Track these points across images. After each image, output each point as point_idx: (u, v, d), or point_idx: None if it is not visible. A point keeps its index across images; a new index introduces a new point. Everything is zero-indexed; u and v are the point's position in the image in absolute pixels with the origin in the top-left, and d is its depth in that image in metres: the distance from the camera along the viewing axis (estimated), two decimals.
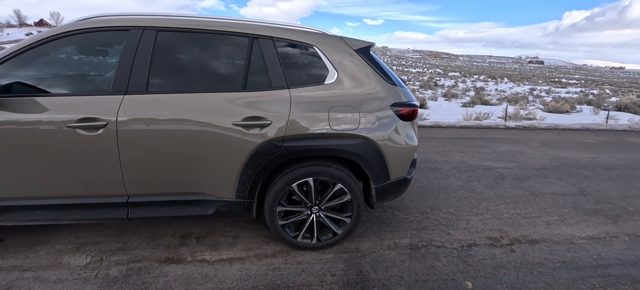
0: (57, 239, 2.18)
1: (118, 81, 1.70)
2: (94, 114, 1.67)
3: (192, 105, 1.72)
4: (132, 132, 1.69)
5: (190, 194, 1.88)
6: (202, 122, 1.72)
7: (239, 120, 1.73)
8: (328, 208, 2.02)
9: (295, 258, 2.04)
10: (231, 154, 1.77)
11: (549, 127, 7.00)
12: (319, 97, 1.82)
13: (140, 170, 1.77)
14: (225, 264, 1.97)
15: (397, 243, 2.25)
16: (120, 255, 2.02)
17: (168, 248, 2.10)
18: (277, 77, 1.81)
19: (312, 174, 1.87)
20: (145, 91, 1.72)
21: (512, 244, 2.31)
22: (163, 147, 1.73)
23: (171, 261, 1.98)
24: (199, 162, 1.78)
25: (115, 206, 1.85)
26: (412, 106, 1.97)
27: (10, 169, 1.70)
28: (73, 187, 1.79)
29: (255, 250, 2.11)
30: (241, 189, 1.85)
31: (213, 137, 1.73)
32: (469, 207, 2.87)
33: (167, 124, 1.71)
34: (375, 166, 1.91)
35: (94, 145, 1.70)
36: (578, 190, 3.37)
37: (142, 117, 1.69)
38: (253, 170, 1.80)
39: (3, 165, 1.69)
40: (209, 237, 2.24)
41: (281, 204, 1.93)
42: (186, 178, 1.82)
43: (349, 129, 1.82)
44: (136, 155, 1.74)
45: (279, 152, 1.78)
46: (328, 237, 2.08)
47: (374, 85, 1.89)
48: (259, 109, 1.75)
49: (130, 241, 2.17)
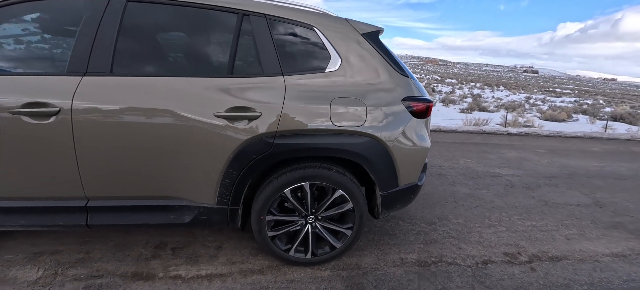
0: (9, 246, 1.86)
1: (76, 59, 1.41)
2: (43, 98, 1.37)
3: (166, 91, 1.44)
4: (91, 122, 1.40)
5: (162, 198, 1.58)
6: (178, 112, 1.43)
7: (222, 111, 1.45)
8: (326, 218, 1.73)
9: (286, 275, 1.75)
10: (212, 151, 1.48)
11: (552, 134, 6.82)
12: (318, 87, 1.54)
13: (101, 169, 1.47)
14: (203, 281, 1.67)
15: (403, 259, 1.98)
16: (79, 269, 1.71)
17: (137, 261, 1.80)
18: (270, 62, 1.53)
19: (308, 178, 1.59)
20: (109, 72, 1.43)
21: (531, 261, 2.05)
22: (129, 141, 1.44)
23: (139, 277, 1.67)
24: (174, 161, 1.49)
25: (71, 211, 1.54)
26: (425, 102, 1.71)
27: None
28: (19, 188, 1.48)
29: (240, 265, 1.81)
30: (224, 194, 1.56)
31: (190, 130, 1.44)
32: (480, 217, 2.61)
33: (135, 113, 1.42)
34: (383, 170, 1.64)
35: (44, 136, 1.39)
36: (593, 201, 3.14)
37: (104, 104, 1.40)
38: (238, 172, 1.51)
39: None
40: (187, 247, 1.94)
41: (271, 213, 1.64)
42: (158, 179, 1.52)
43: (353, 125, 1.55)
44: (96, 150, 1.44)
45: (269, 151, 1.50)
46: (325, 251, 1.79)
47: (384, 75, 1.62)
48: (247, 99, 1.47)
49: (94, 251, 1.86)
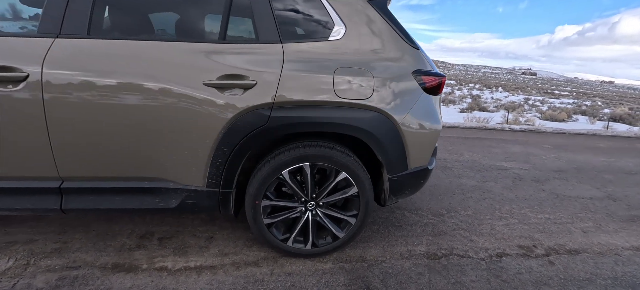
0: None
1: (48, 18, 1.25)
2: (10, 61, 1.21)
3: (151, 56, 1.28)
4: (64, 90, 1.23)
5: (146, 179, 1.42)
6: (162, 81, 1.27)
7: (213, 79, 1.29)
8: (328, 204, 1.58)
9: (284, 268, 1.59)
10: (201, 124, 1.32)
11: (555, 131, 6.70)
12: (321, 56, 1.39)
13: (76, 145, 1.31)
14: (192, 273, 1.51)
15: (411, 251, 1.82)
16: (54, 259, 1.54)
17: (120, 251, 1.63)
18: (267, 27, 1.38)
19: (308, 158, 1.43)
20: (85, 34, 1.27)
21: (548, 254, 1.90)
22: (107, 113, 1.28)
23: (120, 268, 1.50)
24: (158, 136, 1.33)
25: (43, 193, 1.38)
26: (438, 77, 1.56)
27: None
28: None
29: (233, 257, 1.65)
30: (214, 175, 1.40)
31: (176, 101, 1.28)
32: (490, 209, 2.46)
33: (114, 80, 1.26)
34: (391, 150, 1.48)
35: (10, 105, 1.23)
36: (606, 195, 3.00)
37: (79, 70, 1.23)
38: (230, 149, 1.36)
39: None
40: (175, 237, 1.77)
41: (267, 197, 1.48)
42: (140, 158, 1.36)
43: (359, 98, 1.39)
44: (70, 123, 1.27)
45: (265, 125, 1.34)
46: (326, 242, 1.63)
47: (392, 46, 1.47)
48: (241, 66, 1.31)
49: (73, 241, 1.69)
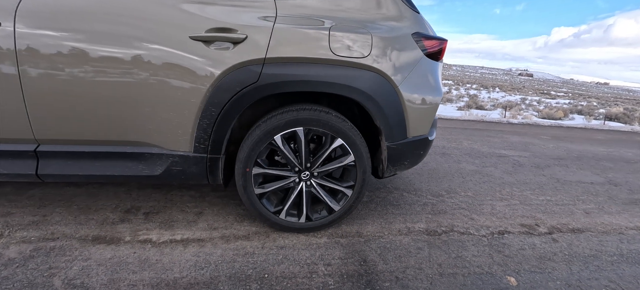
0: None
1: None
2: None
3: (132, 6, 1.19)
4: (38, 44, 1.14)
5: (129, 143, 1.33)
6: (145, 34, 1.18)
7: (200, 33, 1.20)
8: (323, 174, 1.49)
9: (276, 242, 1.51)
10: (187, 82, 1.23)
11: (553, 125, 6.69)
12: (316, 10, 1.31)
13: (52, 104, 1.22)
14: (177, 246, 1.42)
15: (410, 228, 1.74)
16: (30, 231, 1.45)
17: (102, 224, 1.54)
18: None
19: (302, 122, 1.35)
20: None
21: (551, 233, 1.83)
22: (86, 69, 1.18)
23: (101, 241, 1.41)
24: (140, 96, 1.24)
25: (18, 156, 1.28)
26: (439, 40, 1.48)
27: None
28: None
29: (223, 231, 1.56)
30: (202, 138, 1.31)
31: (160, 56, 1.19)
32: (490, 191, 2.39)
33: (93, 34, 1.17)
34: (390, 115, 1.40)
35: None
36: (606, 180, 2.95)
37: (55, 21, 1.14)
38: (219, 109, 1.27)
39: None
40: (163, 212, 1.68)
41: (259, 164, 1.40)
42: (122, 119, 1.27)
43: (356, 56, 1.31)
44: (46, 80, 1.18)
45: (256, 82, 1.25)
46: (321, 216, 1.55)
47: (392, 5, 1.39)
48: (230, 19, 1.23)
49: (53, 214, 1.59)
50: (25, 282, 1.14)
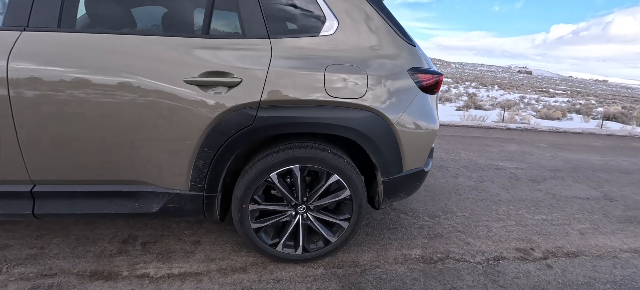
0: None
1: (14, 9, 1.15)
2: None
3: (127, 51, 1.19)
4: (32, 87, 1.14)
5: (125, 182, 1.33)
6: (140, 78, 1.18)
7: (195, 77, 1.20)
8: (319, 207, 1.50)
9: (273, 274, 1.52)
10: (182, 125, 1.23)
11: (551, 130, 6.70)
12: (311, 52, 1.31)
13: (47, 146, 1.22)
14: (175, 281, 1.43)
15: (406, 255, 1.76)
16: (29, 266, 1.45)
17: (99, 257, 1.54)
18: (254, 21, 1.29)
19: (298, 160, 1.36)
20: (56, 27, 1.17)
21: (546, 258, 1.85)
22: (81, 112, 1.19)
23: (98, 276, 1.42)
24: (137, 137, 1.24)
25: (14, 197, 1.29)
26: (435, 75, 1.49)
27: None
28: None
29: (220, 262, 1.57)
30: (198, 178, 1.32)
31: (156, 99, 1.20)
32: (487, 211, 2.41)
33: (87, 78, 1.16)
34: (386, 152, 1.41)
35: None
36: (602, 195, 2.97)
37: (47, 66, 1.14)
38: (214, 151, 1.27)
39: None
40: (160, 242, 1.69)
41: (255, 201, 1.41)
42: (118, 159, 1.28)
43: (352, 97, 1.32)
44: (40, 123, 1.18)
45: (251, 125, 1.26)
46: (318, 247, 1.56)
47: (387, 42, 1.40)
48: (225, 62, 1.23)
49: (50, 246, 1.60)
50: None
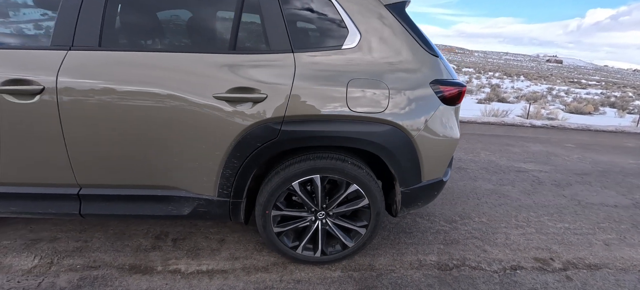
0: (8, 232, 1.79)
1: (60, 31, 1.26)
2: (26, 74, 1.23)
3: (160, 68, 1.27)
4: (78, 102, 1.26)
5: (159, 187, 1.45)
6: (172, 93, 1.27)
7: (223, 92, 1.27)
8: (338, 214, 1.56)
9: (293, 274, 1.61)
10: (211, 138, 1.32)
11: (580, 128, 6.36)
12: (334, 66, 1.34)
13: (91, 154, 1.35)
14: (204, 277, 1.55)
15: (421, 260, 1.79)
16: (76, 258, 1.62)
17: (136, 252, 1.69)
18: (278, 36, 1.33)
19: (319, 170, 1.41)
20: (97, 46, 1.27)
21: (566, 269, 1.83)
22: (120, 123, 1.29)
23: (136, 270, 1.57)
24: (169, 147, 1.34)
25: (63, 199, 1.43)
26: (457, 86, 1.48)
27: None
28: (9, 172, 1.38)
29: (244, 261, 1.68)
30: (225, 186, 1.41)
31: (187, 113, 1.28)
32: (506, 216, 2.38)
33: (125, 93, 1.26)
34: (405, 163, 1.44)
35: (30, 117, 1.27)
36: (632, 202, 2.84)
37: (90, 82, 1.25)
38: (240, 162, 1.35)
39: None
40: (188, 239, 1.82)
41: (277, 207, 1.48)
42: (153, 167, 1.39)
43: (373, 111, 1.34)
44: (85, 133, 1.30)
45: (275, 138, 1.32)
46: (336, 250, 1.63)
47: (409, 54, 1.40)
48: (251, 78, 1.29)
49: (93, 240, 1.77)
50: None
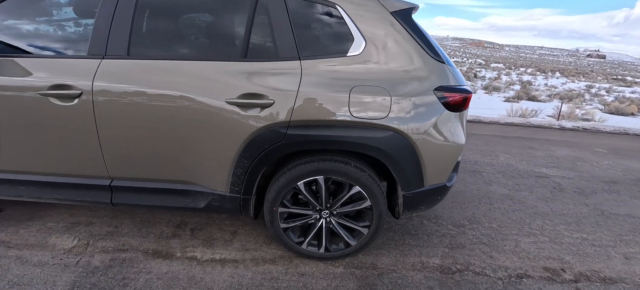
0: (52, 215, 2.05)
1: (95, 42, 1.43)
2: (68, 80, 1.41)
3: (180, 75, 1.41)
4: (110, 104, 1.42)
5: (178, 182, 1.60)
6: (191, 97, 1.40)
7: (234, 98, 1.38)
8: (341, 214, 1.64)
9: (298, 268, 1.71)
10: (224, 138, 1.44)
11: (617, 131, 5.91)
12: (338, 73, 1.40)
13: (121, 150, 1.52)
14: (217, 265, 1.69)
15: (424, 263, 1.83)
16: (108, 241, 1.83)
17: (159, 238, 1.88)
18: (286, 44, 1.42)
19: (323, 172, 1.49)
20: (126, 55, 1.43)
21: (577, 281, 1.78)
22: (145, 124, 1.45)
23: (159, 255, 1.74)
24: (187, 146, 1.48)
25: (98, 189, 1.63)
26: (463, 92, 1.49)
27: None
28: (54, 164, 1.59)
29: (253, 253, 1.81)
30: (236, 183, 1.53)
31: (203, 116, 1.41)
32: (518, 223, 2.33)
33: (149, 96, 1.41)
34: (407, 168, 1.48)
35: (70, 117, 1.45)
36: None
37: (121, 87, 1.41)
38: (250, 161, 1.46)
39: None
40: (205, 229, 1.98)
41: (284, 205, 1.59)
42: (173, 163, 1.54)
43: (375, 117, 1.40)
44: (116, 131, 1.47)
45: (282, 141, 1.41)
46: (339, 248, 1.71)
47: (414, 60, 1.43)
48: (260, 85, 1.39)
49: (123, 226, 1.98)
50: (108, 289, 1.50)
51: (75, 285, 1.51)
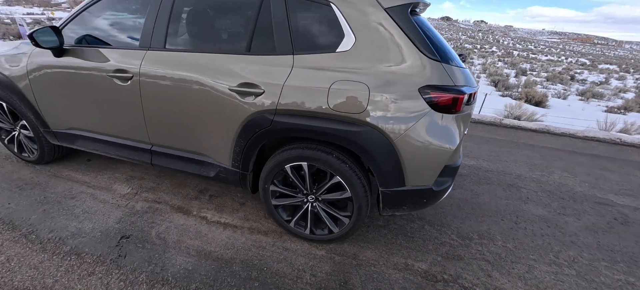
0: (119, 168, 2.68)
1: (144, 37, 1.83)
2: (125, 66, 1.86)
3: (200, 65, 1.71)
4: (150, 85, 1.82)
5: (195, 153, 1.94)
6: (206, 83, 1.69)
7: (235, 86, 1.62)
8: (325, 201, 1.75)
9: (285, 243, 1.90)
10: (226, 120, 1.70)
11: None
12: (323, 67, 1.50)
13: (157, 123, 1.92)
14: (220, 227, 2.01)
15: (408, 264, 1.81)
16: (150, 194, 2.33)
17: (184, 198, 2.30)
18: (283, 39, 1.58)
19: (306, 159, 1.63)
20: (163, 48, 1.80)
21: None
22: (172, 103, 1.81)
23: (180, 210, 2.15)
24: (201, 124, 1.79)
25: (143, 151, 2.09)
26: (453, 93, 1.42)
27: (77, 106, 2.12)
28: (116, 129, 2.11)
29: (252, 223, 2.07)
30: (236, 159, 1.79)
31: (213, 99, 1.69)
32: (542, 249, 2.04)
33: (176, 81, 1.76)
34: (384, 165, 1.50)
35: (126, 94, 1.91)
36: None
37: (157, 72, 1.79)
38: (245, 142, 1.70)
39: (73, 103, 2.12)
40: (220, 197, 2.33)
41: (274, 184, 1.79)
42: (192, 137, 1.88)
43: (352, 111, 1.46)
44: (153, 107, 1.88)
45: (269, 127, 1.60)
46: (323, 233, 1.84)
47: (403, 57, 1.43)
48: (255, 76, 1.59)
49: (163, 184, 2.47)
50: (139, 227, 1.95)
51: (121, 220, 2.02)
